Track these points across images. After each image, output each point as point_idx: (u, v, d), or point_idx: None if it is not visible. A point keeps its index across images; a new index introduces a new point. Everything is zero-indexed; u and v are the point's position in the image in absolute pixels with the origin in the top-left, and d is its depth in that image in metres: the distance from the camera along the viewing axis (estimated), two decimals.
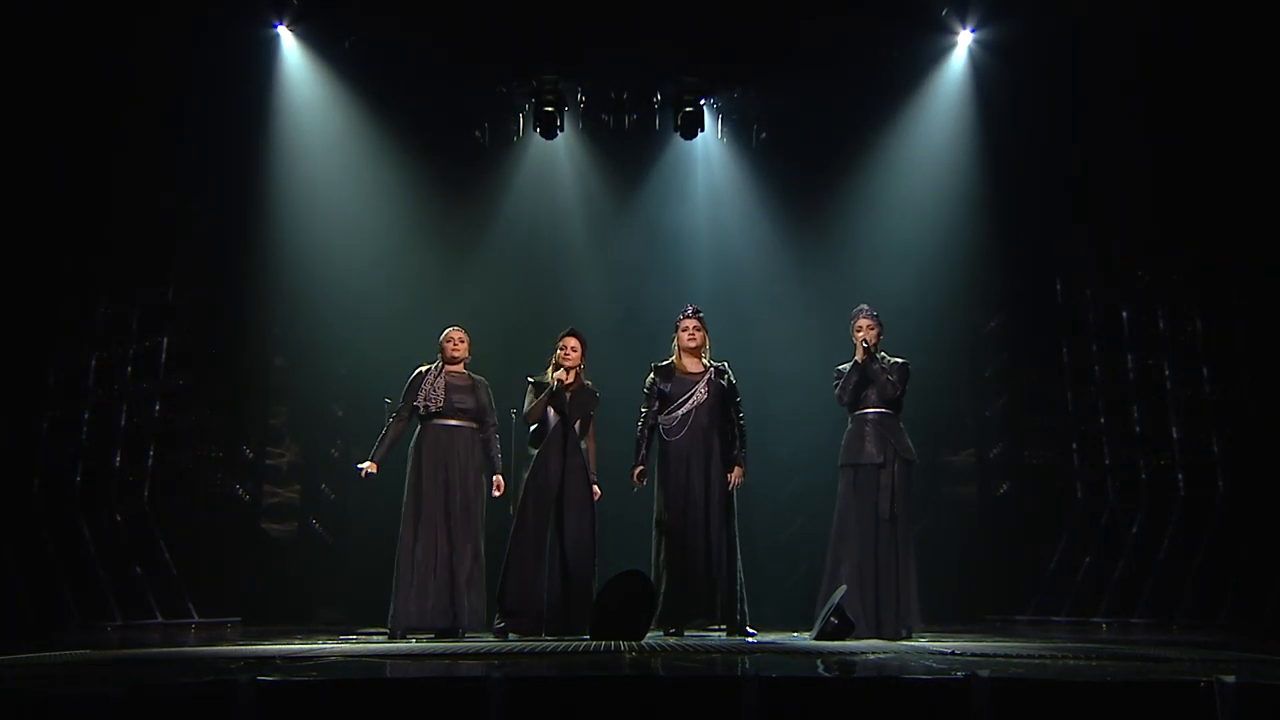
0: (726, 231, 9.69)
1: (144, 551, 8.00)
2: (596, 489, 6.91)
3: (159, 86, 8.23)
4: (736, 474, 6.76)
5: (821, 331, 8.75)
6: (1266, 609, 7.12)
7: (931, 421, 8.47)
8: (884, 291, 7.60)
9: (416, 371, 6.87)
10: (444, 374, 6.83)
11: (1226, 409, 7.93)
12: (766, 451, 8.50)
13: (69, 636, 6.49)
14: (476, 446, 6.83)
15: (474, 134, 9.58)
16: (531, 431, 6.93)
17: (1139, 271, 8.57)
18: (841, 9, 8.48)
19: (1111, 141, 8.44)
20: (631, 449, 6.94)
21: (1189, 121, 7.93)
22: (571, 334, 7.04)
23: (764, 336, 9.25)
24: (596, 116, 9.56)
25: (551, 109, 9.10)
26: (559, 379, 6.77)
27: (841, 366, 6.70)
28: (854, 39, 8.75)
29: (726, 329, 7.70)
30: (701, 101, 9.28)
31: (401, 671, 3.93)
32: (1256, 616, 7.13)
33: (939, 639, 6.29)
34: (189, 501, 8.54)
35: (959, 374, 9.27)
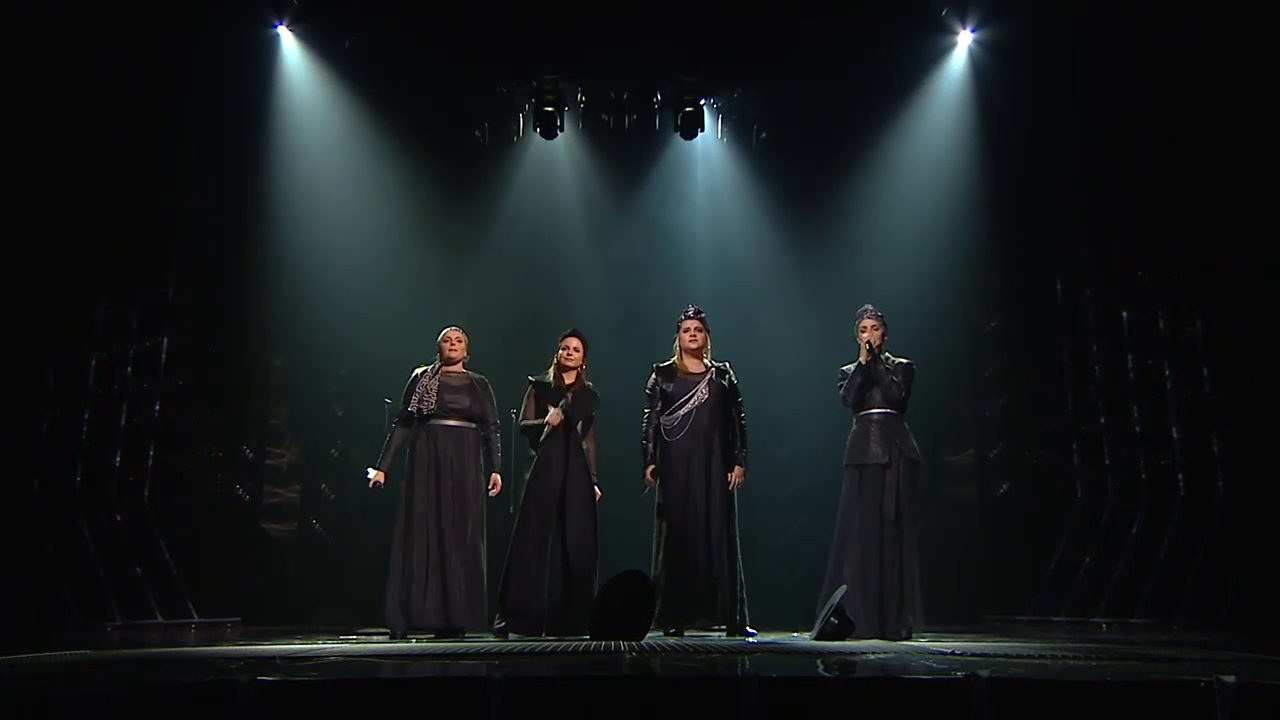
0: (726, 231, 9.69)
1: (144, 551, 8.00)
2: (597, 489, 6.92)
3: (159, 86, 8.24)
4: (737, 474, 6.76)
5: (822, 331, 8.77)
6: (1266, 609, 7.13)
7: (931, 421, 8.46)
8: (884, 291, 7.59)
9: (413, 374, 6.87)
10: (440, 374, 6.82)
11: (1226, 409, 7.93)
12: (766, 451, 8.49)
13: (69, 636, 6.49)
14: (474, 446, 6.80)
15: (474, 134, 9.58)
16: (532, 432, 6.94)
17: (1139, 271, 8.57)
18: (841, 9, 8.48)
19: (1111, 141, 8.44)
20: (631, 449, 6.93)
21: (1189, 121, 7.93)
22: (573, 334, 7.04)
23: (764, 336, 9.24)
24: (596, 116, 9.55)
25: (551, 109, 9.10)
26: (550, 422, 6.77)
27: (845, 367, 6.69)
28: (854, 39, 8.75)
29: (727, 329, 7.69)
30: (701, 101, 9.27)
31: (401, 671, 3.93)
32: (1256, 616, 7.13)
33: (939, 639, 6.29)
34: (189, 501, 8.54)
35: (959, 374, 9.26)
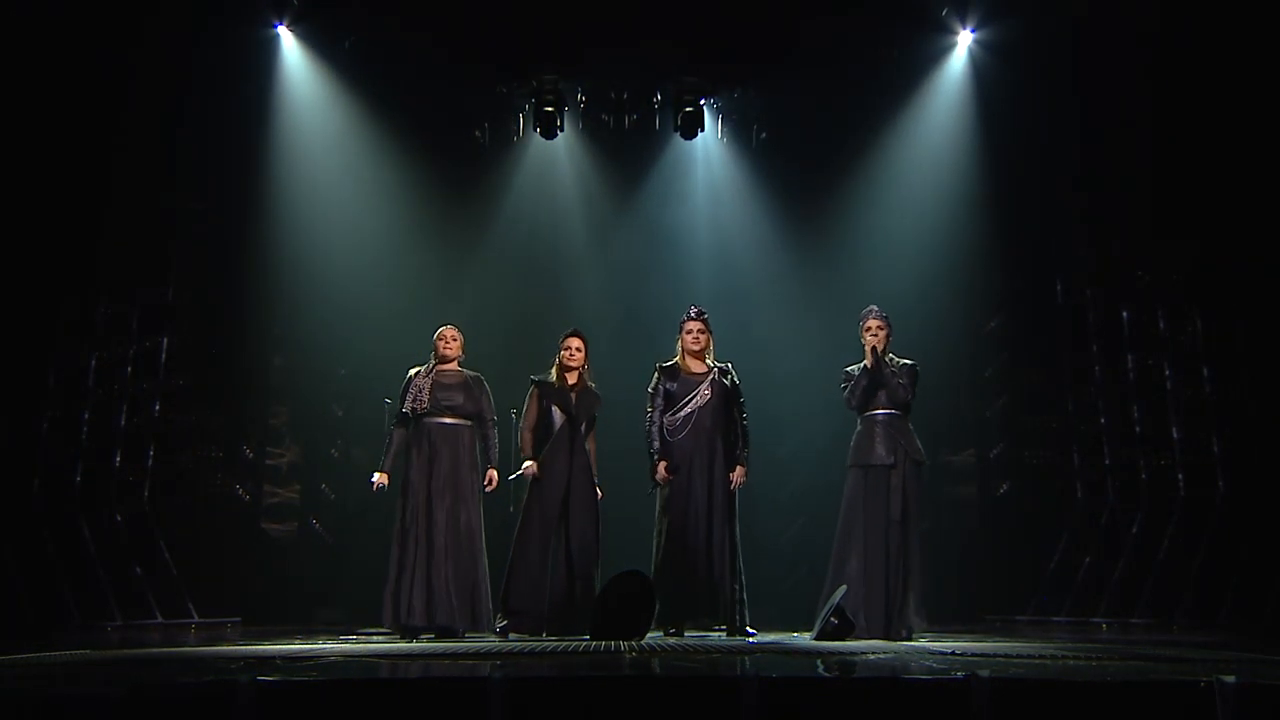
0: (726, 231, 9.68)
1: (144, 551, 8.00)
2: (598, 489, 6.93)
3: (159, 86, 8.24)
4: (739, 474, 6.75)
5: (822, 331, 8.78)
6: (1266, 609, 7.12)
7: (931, 421, 8.45)
8: (884, 291, 7.58)
9: (408, 375, 6.85)
10: (434, 373, 6.79)
11: (1226, 409, 7.92)
12: (766, 451, 8.48)
13: (69, 636, 6.49)
14: (469, 444, 6.75)
15: (474, 134, 9.57)
16: (533, 434, 6.94)
17: (1139, 271, 8.56)
18: (841, 9, 8.48)
19: (1111, 141, 8.44)
20: (631, 449, 6.93)
21: (1189, 121, 7.92)
22: (574, 334, 7.05)
23: (764, 336, 9.24)
24: (596, 116, 9.55)
25: (551, 109, 9.09)
26: (524, 473, 6.85)
27: (849, 368, 6.67)
28: (854, 39, 8.75)
29: (726, 329, 7.69)
30: (701, 101, 9.27)
31: (401, 671, 3.93)
32: (1256, 616, 7.12)
33: (939, 639, 6.29)
34: (189, 501, 8.54)
35: (959, 374, 9.25)
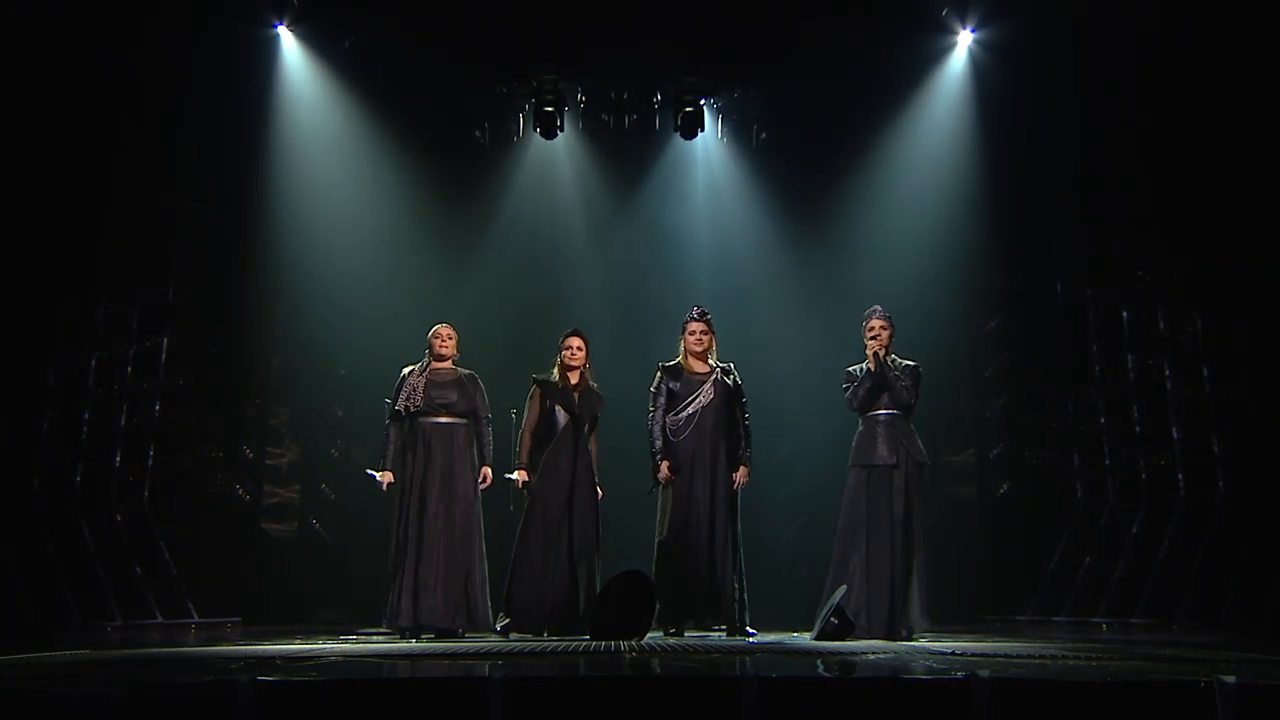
0: (726, 231, 9.68)
1: (144, 551, 8.00)
2: (599, 489, 6.93)
3: (159, 86, 8.24)
4: (742, 474, 6.75)
5: (822, 332, 8.78)
6: (1266, 609, 7.12)
7: (931, 421, 8.46)
8: (884, 292, 7.57)
9: (402, 373, 6.83)
10: (428, 372, 6.78)
11: (1226, 409, 7.92)
12: (766, 452, 8.47)
13: (69, 636, 6.49)
14: (464, 443, 6.74)
15: (474, 134, 9.57)
16: (532, 435, 6.95)
17: (1139, 271, 8.57)
18: (841, 9, 8.48)
19: (1111, 141, 8.44)
20: (631, 449, 6.93)
21: (1189, 121, 7.92)
22: (574, 333, 7.04)
23: (764, 337, 9.24)
24: (596, 116, 9.55)
25: (551, 109, 9.09)
26: (515, 481, 6.90)
27: (851, 368, 6.65)
28: (854, 39, 8.75)
29: (726, 329, 7.67)
30: (701, 101, 9.27)
31: (401, 671, 3.93)
32: (1256, 616, 7.12)
33: (939, 639, 6.29)
34: (189, 501, 8.54)
35: (959, 374, 9.25)
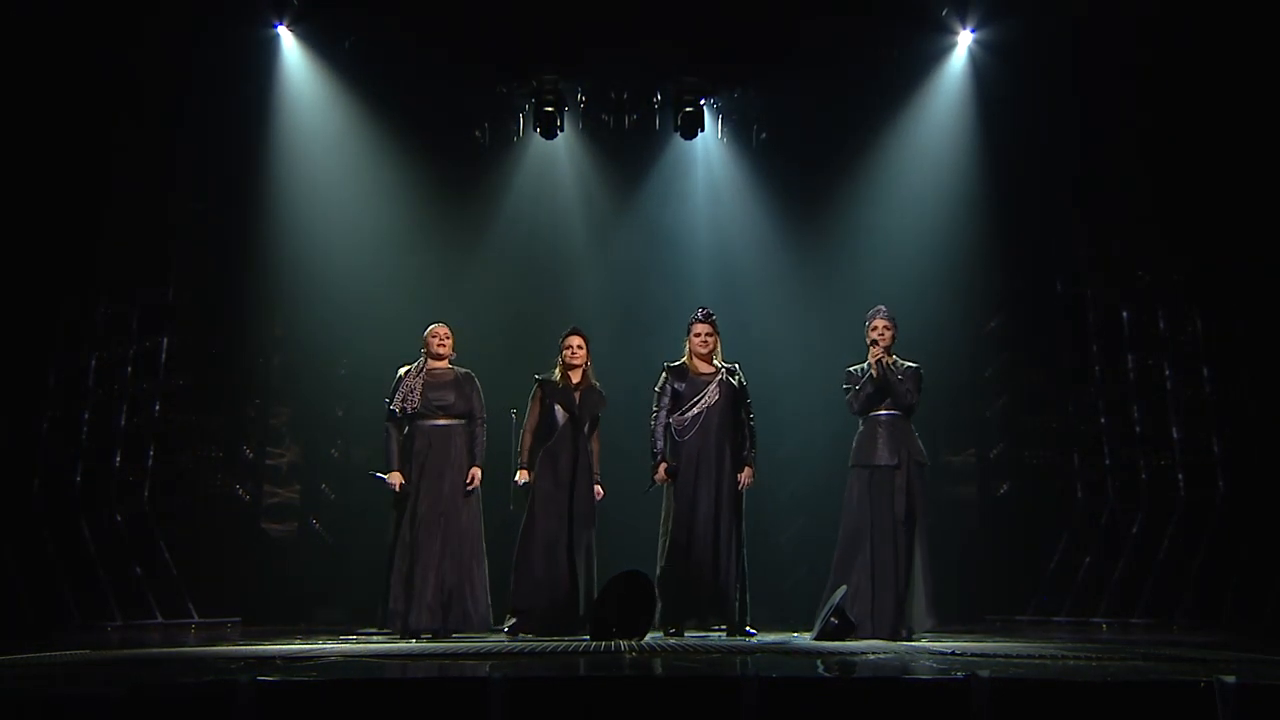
0: (726, 231, 9.67)
1: (144, 551, 8.00)
2: (600, 488, 6.94)
3: (159, 86, 8.24)
4: (747, 474, 6.75)
5: (822, 332, 8.78)
6: (1266, 609, 7.12)
7: (931, 421, 8.45)
8: (884, 292, 7.57)
9: (397, 374, 6.82)
10: (424, 373, 6.77)
11: (1226, 409, 7.92)
12: (766, 452, 8.43)
13: (69, 636, 6.49)
14: (462, 444, 6.73)
15: (474, 134, 9.57)
16: (533, 435, 6.94)
17: (1139, 271, 8.56)
18: (841, 9, 8.47)
19: (1111, 141, 8.44)
20: (630, 449, 6.93)
21: (1189, 121, 7.92)
22: (574, 332, 7.05)
23: (764, 336, 9.23)
24: (596, 116, 9.54)
25: (551, 109, 9.09)
26: (516, 481, 6.93)
27: (851, 368, 6.65)
28: (854, 39, 8.74)
29: (726, 329, 7.63)
30: (701, 101, 9.27)
31: (401, 671, 3.94)
32: (1256, 616, 7.12)
33: (939, 639, 6.29)
34: (189, 501, 8.54)
35: (959, 374, 9.24)
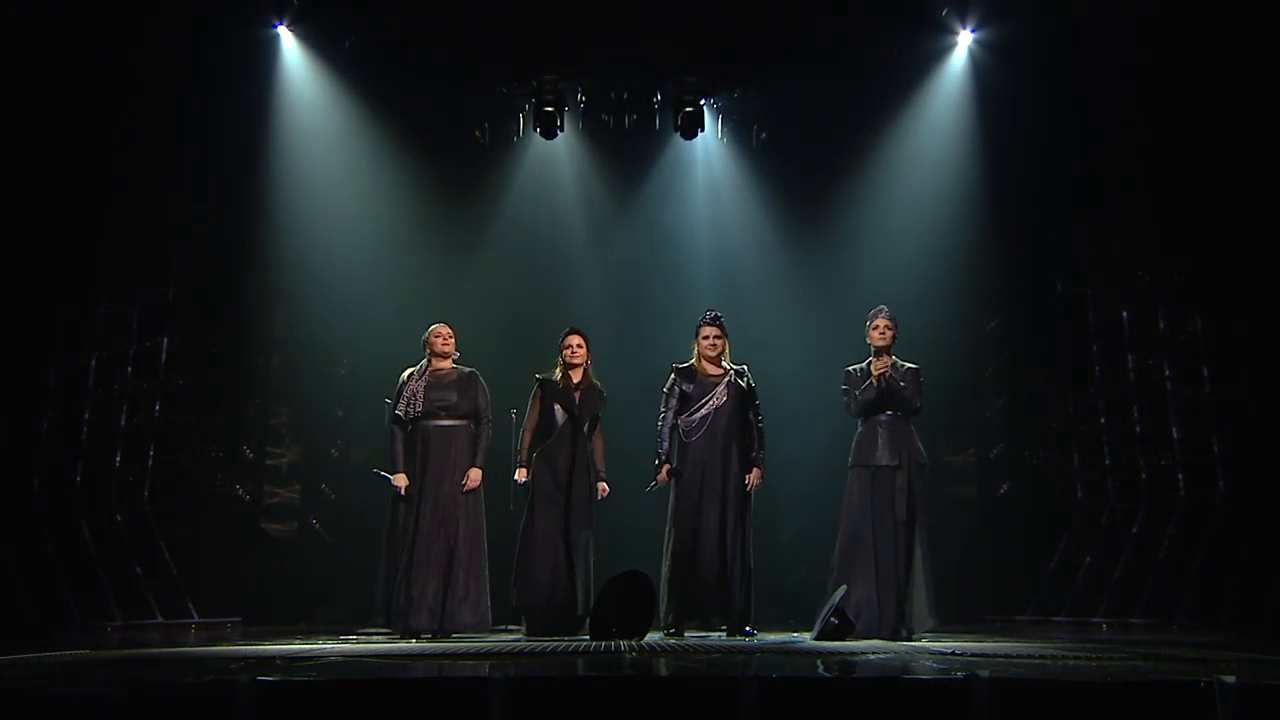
0: (726, 231, 9.67)
1: (144, 551, 8.00)
2: (604, 486, 6.95)
3: (160, 86, 8.24)
4: (755, 475, 6.75)
5: (821, 332, 8.77)
6: (1266, 609, 7.12)
7: (931, 421, 8.45)
8: (884, 292, 7.57)
9: (400, 379, 6.81)
10: (427, 374, 6.75)
11: (1226, 409, 7.93)
12: (767, 451, 8.48)
13: (69, 636, 6.49)
14: (466, 446, 6.72)
15: (474, 134, 9.56)
16: (533, 435, 6.94)
17: (1139, 271, 8.57)
18: (841, 9, 8.47)
19: (1111, 141, 8.44)
20: (630, 449, 6.93)
21: (1189, 121, 7.92)
22: (573, 332, 7.06)
23: (764, 337, 9.21)
24: (596, 116, 9.54)
25: (551, 109, 9.08)
26: (516, 479, 6.96)
27: (851, 368, 6.65)
28: (854, 39, 8.74)
29: (726, 329, 7.69)
30: (701, 101, 9.26)
31: (401, 671, 3.94)
32: (1256, 616, 7.13)
33: (939, 639, 6.29)
34: (189, 501, 8.54)
35: (959, 374, 9.23)
